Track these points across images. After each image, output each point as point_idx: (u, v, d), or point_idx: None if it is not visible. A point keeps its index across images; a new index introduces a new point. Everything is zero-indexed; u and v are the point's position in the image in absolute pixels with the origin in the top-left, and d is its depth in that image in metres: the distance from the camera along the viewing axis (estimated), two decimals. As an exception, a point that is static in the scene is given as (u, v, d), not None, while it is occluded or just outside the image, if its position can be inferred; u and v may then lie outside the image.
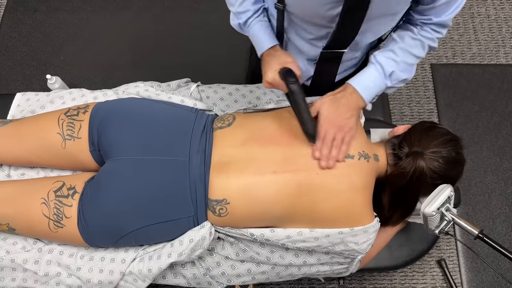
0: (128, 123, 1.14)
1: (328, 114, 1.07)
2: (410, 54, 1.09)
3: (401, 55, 1.09)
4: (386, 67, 1.08)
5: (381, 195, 1.16)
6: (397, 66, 1.08)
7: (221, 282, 1.20)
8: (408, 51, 1.08)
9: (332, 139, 1.06)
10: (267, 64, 1.08)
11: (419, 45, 1.09)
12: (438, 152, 1.07)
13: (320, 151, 1.06)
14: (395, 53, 1.08)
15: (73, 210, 1.08)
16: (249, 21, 1.12)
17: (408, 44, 1.08)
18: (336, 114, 1.07)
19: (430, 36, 1.08)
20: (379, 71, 1.08)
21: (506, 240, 1.76)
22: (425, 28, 1.07)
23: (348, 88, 1.08)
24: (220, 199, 1.06)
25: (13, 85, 1.99)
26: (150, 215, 1.07)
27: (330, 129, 1.06)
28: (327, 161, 1.06)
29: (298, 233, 1.09)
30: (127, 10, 2.14)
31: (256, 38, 1.12)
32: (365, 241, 1.10)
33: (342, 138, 1.07)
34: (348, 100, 1.07)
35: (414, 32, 1.08)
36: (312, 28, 1.07)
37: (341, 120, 1.07)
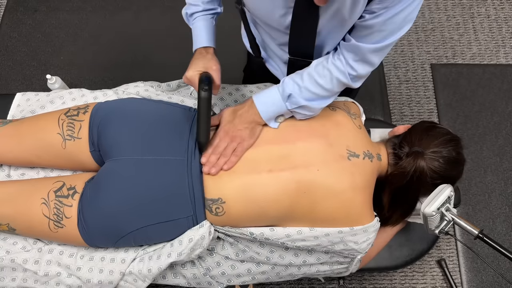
0: (128, 123, 1.14)
1: (225, 124, 1.10)
2: (316, 83, 1.03)
3: (307, 81, 1.04)
4: (286, 89, 1.05)
5: (381, 194, 1.16)
6: (298, 91, 1.04)
7: (221, 282, 1.20)
8: (314, 79, 1.03)
9: (223, 148, 1.07)
10: (194, 62, 1.08)
11: (327, 76, 1.02)
12: (439, 152, 1.08)
13: (208, 157, 1.07)
14: (302, 78, 1.05)
15: (73, 210, 1.08)
16: (195, 15, 1.13)
17: (317, 72, 1.03)
18: (231, 125, 1.09)
19: (341, 67, 1.00)
20: (280, 91, 1.06)
21: (506, 240, 1.76)
22: (340, 55, 1.00)
23: (248, 101, 1.10)
24: (215, 198, 1.06)
25: (13, 85, 1.99)
26: (150, 215, 1.07)
27: (223, 138, 1.08)
28: (210, 167, 1.06)
29: (298, 232, 1.09)
30: (127, 10, 2.14)
31: (196, 34, 1.13)
32: (364, 241, 1.11)
33: (234, 148, 1.07)
34: (246, 112, 1.09)
35: (328, 60, 1.02)
36: (275, 33, 1.07)
37: (235, 131, 1.08)
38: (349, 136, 1.11)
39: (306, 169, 1.06)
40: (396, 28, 0.92)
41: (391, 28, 0.91)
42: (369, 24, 0.91)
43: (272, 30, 1.06)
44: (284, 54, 1.13)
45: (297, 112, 1.08)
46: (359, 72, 1.01)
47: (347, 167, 1.07)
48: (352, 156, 1.08)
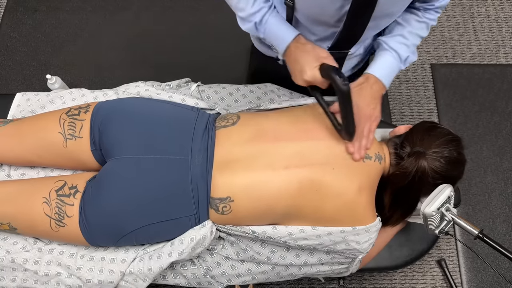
0: (129, 122, 1.14)
1: (357, 106, 1.06)
2: (418, 36, 1.14)
3: (411, 38, 1.13)
4: (401, 52, 1.12)
5: (382, 194, 1.16)
6: (409, 50, 1.14)
7: (221, 282, 1.20)
8: (416, 33, 1.13)
9: (362, 130, 1.08)
10: (303, 60, 1.03)
11: (425, 27, 1.14)
12: (440, 152, 1.08)
13: (353, 144, 1.07)
14: (405, 38, 1.12)
15: (75, 209, 1.08)
16: (265, 18, 1.07)
17: (415, 27, 1.13)
18: (364, 106, 1.09)
19: (433, 17, 1.13)
20: (395, 57, 1.12)
21: (506, 240, 1.76)
22: (428, 11, 1.11)
23: (370, 78, 1.11)
24: (224, 197, 1.06)
25: (13, 85, 1.98)
26: (152, 214, 1.07)
27: (361, 121, 1.08)
28: (359, 152, 1.07)
29: (300, 231, 1.09)
30: (127, 10, 2.14)
31: (276, 32, 1.07)
32: (366, 241, 1.11)
33: (369, 128, 1.09)
34: (373, 90, 1.10)
35: (419, 15, 1.12)
36: (318, 28, 1.07)
37: (369, 111, 1.09)
38: None
39: (322, 167, 1.06)
40: None
41: None
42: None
43: (318, 25, 1.06)
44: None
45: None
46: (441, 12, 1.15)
47: (359, 168, 1.07)
48: (366, 159, 1.08)
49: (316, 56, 1.02)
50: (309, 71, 1.01)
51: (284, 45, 1.06)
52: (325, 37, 1.08)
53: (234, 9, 1.09)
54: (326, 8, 0.99)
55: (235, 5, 1.07)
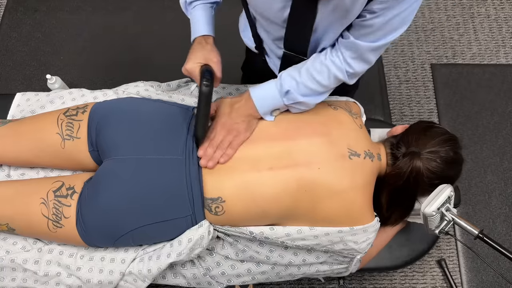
0: (126, 122, 1.14)
1: (221, 117, 1.10)
2: (313, 79, 1.04)
3: (304, 77, 1.04)
4: (284, 85, 1.05)
5: (379, 194, 1.16)
6: (296, 87, 1.05)
7: (221, 282, 1.20)
8: (312, 75, 1.04)
9: (220, 141, 1.07)
10: (193, 53, 1.07)
11: (325, 72, 1.03)
12: (436, 152, 1.07)
13: (205, 150, 1.07)
14: (299, 73, 1.05)
15: (72, 210, 1.08)
16: (194, 3, 1.11)
17: (314, 67, 1.04)
18: (228, 118, 1.09)
19: (339, 64, 1.01)
20: (278, 87, 1.07)
21: (506, 240, 1.76)
22: (338, 52, 1.01)
23: (245, 95, 1.10)
24: (215, 197, 1.06)
25: (13, 85, 1.99)
26: (148, 214, 1.07)
27: (220, 131, 1.08)
28: (207, 161, 1.06)
29: (298, 231, 1.08)
30: (127, 10, 2.14)
31: (195, 22, 1.11)
32: (364, 241, 1.10)
33: (230, 142, 1.08)
34: (242, 106, 1.09)
35: (326, 56, 1.03)
36: (271, 27, 1.06)
37: (231, 124, 1.08)
38: (350, 135, 1.11)
39: (307, 167, 1.06)
40: (394, 28, 0.93)
41: (390, 28, 0.93)
42: (369, 23, 0.92)
43: (269, 23, 1.06)
44: (278, 49, 1.13)
45: (293, 107, 1.10)
46: (356, 69, 1.02)
47: (348, 166, 1.07)
48: (353, 155, 1.08)
49: (206, 56, 1.05)
50: (191, 63, 1.05)
51: (194, 35, 1.11)
52: (279, 37, 1.08)
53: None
54: (270, 6, 0.98)
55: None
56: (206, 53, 1.06)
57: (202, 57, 1.05)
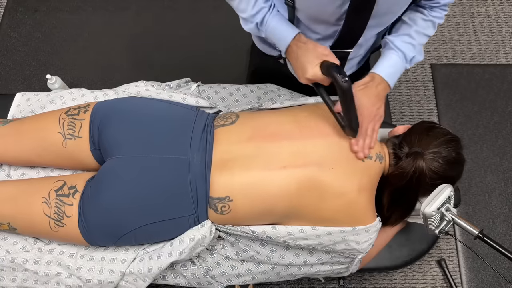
0: (128, 121, 1.14)
1: (361, 105, 1.07)
2: (424, 36, 1.13)
3: (417, 38, 1.12)
4: (407, 52, 1.12)
5: (380, 194, 1.16)
6: (415, 50, 1.13)
7: (221, 282, 1.20)
8: (423, 33, 1.12)
9: (366, 129, 1.08)
10: (303, 59, 1.03)
11: (431, 26, 1.13)
12: (438, 152, 1.08)
13: (357, 143, 1.07)
14: (411, 37, 1.12)
15: (74, 209, 1.08)
16: (265, 18, 1.07)
17: (422, 26, 1.12)
18: (368, 105, 1.08)
19: (439, 15, 1.12)
20: (401, 57, 1.11)
21: (506, 240, 1.76)
22: (434, 9, 1.10)
23: (376, 78, 1.10)
24: (222, 197, 1.06)
25: (13, 85, 1.98)
26: (151, 213, 1.07)
27: (365, 120, 1.08)
28: (363, 151, 1.07)
29: (300, 231, 1.08)
30: (127, 10, 2.14)
31: (277, 32, 1.07)
32: (366, 241, 1.11)
33: (373, 127, 1.09)
34: (378, 89, 1.10)
35: (425, 13, 1.11)
36: (319, 27, 1.07)
37: (374, 110, 1.09)
38: None
39: (320, 167, 1.06)
40: None
41: None
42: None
43: (318, 24, 1.06)
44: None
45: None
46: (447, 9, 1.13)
47: (359, 168, 1.07)
48: (367, 158, 1.08)
49: (317, 54, 1.02)
50: (310, 69, 1.01)
51: (285, 44, 1.07)
52: (327, 35, 1.08)
53: (236, 10, 1.09)
54: (326, 7, 0.99)
55: (236, 7, 1.08)
56: (314, 52, 1.02)
57: (314, 57, 1.02)
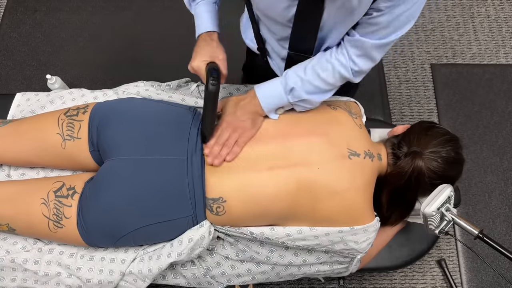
0: (127, 123, 1.14)
1: (227, 114, 1.10)
2: (318, 77, 1.04)
3: (309, 74, 1.05)
4: (289, 82, 1.06)
5: (380, 194, 1.16)
6: (301, 84, 1.05)
7: (221, 282, 1.20)
8: (317, 72, 1.04)
9: (226, 139, 1.08)
10: (198, 50, 1.07)
11: (330, 70, 1.03)
12: (437, 152, 1.07)
13: (211, 148, 1.07)
14: (304, 71, 1.05)
15: (73, 211, 1.08)
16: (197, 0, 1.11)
17: (320, 65, 1.04)
18: (234, 116, 1.10)
19: (344, 61, 1.02)
20: (282, 84, 1.07)
21: (506, 240, 1.76)
22: (343, 50, 1.01)
23: (250, 93, 1.11)
24: (216, 198, 1.06)
25: (13, 85, 1.99)
26: (149, 215, 1.07)
27: (225, 129, 1.09)
28: (213, 158, 1.07)
29: (298, 231, 1.09)
30: (127, 10, 2.14)
31: (198, 18, 1.11)
32: (364, 240, 1.11)
33: (236, 139, 1.08)
34: (248, 104, 1.10)
35: (332, 54, 1.03)
36: (276, 27, 1.07)
37: (237, 122, 1.09)
38: (350, 135, 1.11)
39: (306, 167, 1.06)
40: (400, 25, 0.93)
41: (396, 25, 0.93)
42: (375, 21, 0.93)
43: (273, 23, 1.06)
44: (282, 50, 1.13)
45: (298, 104, 1.10)
46: (361, 67, 1.02)
47: (347, 166, 1.07)
48: (352, 155, 1.08)
49: (211, 53, 1.05)
50: (198, 61, 1.05)
51: (199, 31, 1.11)
52: (284, 37, 1.08)
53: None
54: (274, 6, 0.98)
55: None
56: (211, 50, 1.06)
57: (207, 54, 1.05)
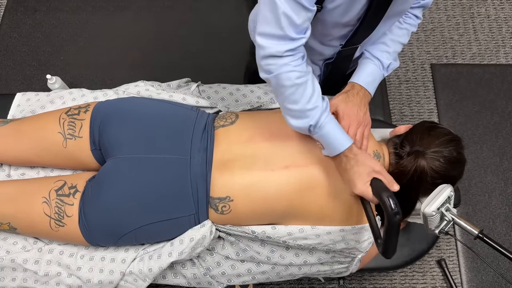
0: (129, 121, 1.14)
1: (346, 111, 1.08)
2: (399, 43, 1.19)
3: (392, 46, 1.17)
4: (383, 60, 1.16)
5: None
6: (391, 57, 1.18)
7: (221, 282, 1.20)
8: (398, 41, 1.18)
9: (355, 134, 1.08)
10: (353, 171, 0.98)
11: (406, 34, 1.19)
12: (440, 151, 1.08)
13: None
14: (387, 45, 1.17)
15: (74, 209, 1.08)
16: (321, 120, 0.98)
17: (397, 34, 1.17)
18: (353, 111, 1.09)
19: (414, 22, 1.19)
20: (378, 65, 1.15)
21: (506, 240, 1.76)
22: (409, 15, 1.17)
23: (355, 87, 1.13)
24: (223, 197, 1.06)
25: (13, 85, 1.98)
26: (151, 213, 1.07)
27: (352, 125, 1.08)
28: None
29: (300, 230, 1.09)
30: (127, 10, 2.14)
31: (330, 138, 0.99)
32: (365, 240, 1.11)
33: (363, 133, 1.10)
34: (359, 96, 1.12)
35: (400, 21, 1.17)
36: (334, 30, 1.08)
37: (360, 116, 1.10)
38: None
39: (317, 166, 1.07)
40: None
41: None
42: None
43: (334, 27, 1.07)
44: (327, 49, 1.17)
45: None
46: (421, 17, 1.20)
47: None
48: None
49: (368, 170, 0.97)
50: (360, 186, 0.97)
51: (336, 152, 1.00)
52: (341, 36, 1.11)
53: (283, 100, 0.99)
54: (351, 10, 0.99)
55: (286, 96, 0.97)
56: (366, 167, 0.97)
57: (366, 173, 0.97)
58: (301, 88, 0.95)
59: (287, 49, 0.92)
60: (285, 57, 0.93)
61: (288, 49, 0.92)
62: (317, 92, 0.98)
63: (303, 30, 0.93)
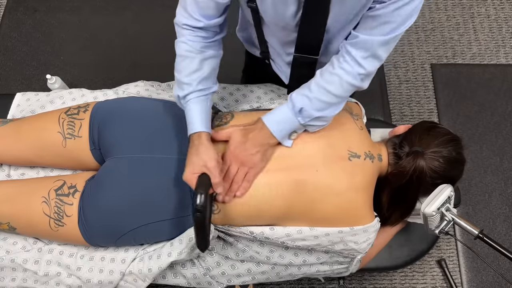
0: (129, 121, 1.14)
1: (235, 147, 1.05)
2: (326, 91, 1.00)
3: (316, 91, 1.01)
4: (296, 103, 1.01)
5: (380, 194, 1.16)
6: (309, 103, 1.01)
7: (221, 282, 1.20)
8: (323, 87, 1.00)
9: (234, 173, 1.04)
10: (189, 159, 1.01)
11: (336, 81, 0.99)
12: (439, 151, 1.08)
13: (220, 184, 1.01)
14: (310, 90, 1.01)
15: (74, 209, 1.08)
16: (188, 97, 1.04)
17: (325, 79, 1.00)
18: (241, 149, 1.04)
19: (349, 69, 0.97)
20: (290, 107, 1.02)
21: (506, 240, 1.76)
22: (346, 57, 0.98)
23: (258, 123, 1.05)
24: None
25: (13, 85, 1.99)
26: (150, 213, 1.07)
27: (233, 164, 1.04)
28: (224, 196, 1.04)
29: (298, 232, 1.09)
30: (127, 10, 2.14)
31: (190, 117, 1.04)
32: (364, 241, 1.11)
33: (245, 174, 1.04)
34: (257, 135, 1.04)
35: (334, 66, 1.00)
36: (282, 33, 1.05)
37: (246, 156, 1.03)
38: (351, 137, 1.11)
39: (304, 169, 1.06)
40: (403, 20, 0.91)
41: (398, 19, 0.91)
42: (377, 14, 0.90)
43: (279, 29, 1.04)
44: (286, 54, 1.12)
45: (311, 125, 1.05)
46: (368, 69, 0.98)
47: (346, 167, 1.07)
48: (353, 157, 1.08)
49: (202, 163, 0.99)
50: (188, 173, 1.00)
51: (188, 132, 1.04)
52: (289, 41, 1.06)
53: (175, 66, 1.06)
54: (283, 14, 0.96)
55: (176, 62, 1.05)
56: (200, 159, 1.00)
57: (199, 164, 0.99)
58: (187, 61, 1.03)
59: (185, 23, 1.01)
60: (184, 29, 1.02)
61: (186, 24, 1.01)
62: (203, 73, 1.04)
63: (208, 16, 0.99)
